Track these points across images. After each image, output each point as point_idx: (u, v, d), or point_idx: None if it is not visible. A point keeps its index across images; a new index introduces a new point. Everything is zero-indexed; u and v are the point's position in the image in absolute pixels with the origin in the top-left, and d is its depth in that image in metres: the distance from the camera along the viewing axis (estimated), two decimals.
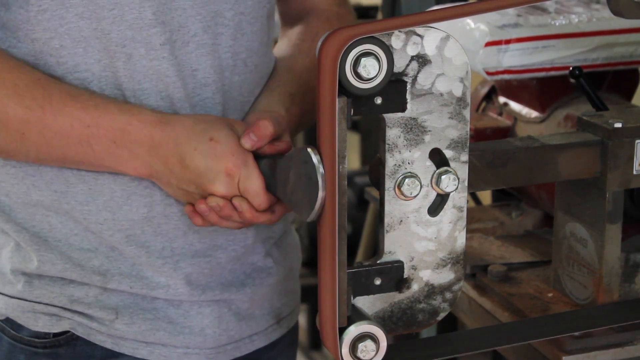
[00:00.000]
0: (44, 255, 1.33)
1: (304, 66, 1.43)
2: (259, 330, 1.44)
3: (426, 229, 1.17)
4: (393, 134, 1.13)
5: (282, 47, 1.47)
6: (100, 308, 1.34)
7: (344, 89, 1.08)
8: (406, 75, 1.12)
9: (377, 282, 1.16)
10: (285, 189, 1.22)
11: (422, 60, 1.12)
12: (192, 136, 1.24)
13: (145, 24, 1.27)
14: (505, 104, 1.72)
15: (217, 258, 1.37)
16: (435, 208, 1.17)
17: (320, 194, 1.11)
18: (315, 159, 1.13)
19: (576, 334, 1.33)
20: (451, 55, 1.13)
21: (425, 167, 1.15)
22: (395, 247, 1.16)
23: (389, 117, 1.13)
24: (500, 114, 1.73)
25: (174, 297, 1.35)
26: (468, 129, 1.16)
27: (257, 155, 1.26)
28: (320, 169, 1.12)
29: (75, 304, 1.34)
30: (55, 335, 1.35)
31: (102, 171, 1.30)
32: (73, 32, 1.26)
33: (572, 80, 1.53)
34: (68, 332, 1.35)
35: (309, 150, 1.13)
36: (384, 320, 1.18)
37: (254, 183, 1.24)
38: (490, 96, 1.77)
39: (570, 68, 1.53)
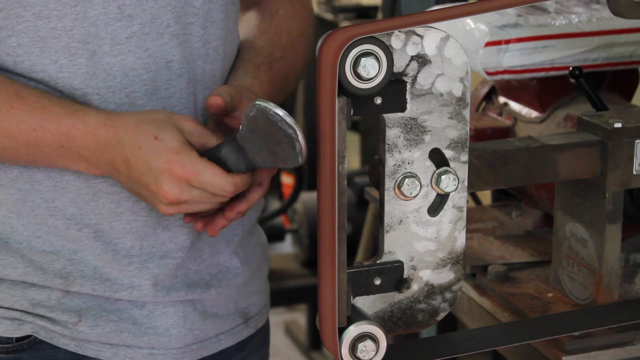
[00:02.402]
0: (4, 259, 1.31)
1: (265, 41, 1.42)
2: (226, 329, 1.42)
3: (426, 229, 1.17)
4: (393, 134, 1.13)
5: (242, 30, 1.46)
6: (62, 311, 1.33)
7: (344, 89, 1.08)
8: (406, 75, 1.12)
9: (377, 282, 1.16)
10: (260, 153, 1.19)
11: (422, 60, 1.12)
12: (136, 135, 1.22)
13: (110, 18, 1.26)
14: (505, 104, 1.72)
15: (183, 259, 1.35)
16: (435, 208, 1.17)
17: (294, 125, 1.12)
18: (266, 105, 1.13)
19: (576, 334, 1.33)
20: (451, 55, 1.13)
21: (425, 167, 1.15)
22: (395, 247, 1.16)
23: (389, 117, 1.13)
24: (500, 114, 1.72)
25: (137, 299, 1.34)
26: (468, 129, 1.16)
27: (211, 149, 1.23)
28: (279, 109, 1.12)
29: (37, 308, 1.33)
30: (18, 339, 1.33)
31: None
32: (30, 32, 1.25)
33: (572, 80, 1.53)
34: (31, 336, 1.33)
35: (259, 102, 1.14)
36: (383, 320, 1.18)
37: (207, 175, 1.21)
38: (490, 96, 1.77)
39: (570, 68, 1.53)
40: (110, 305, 1.34)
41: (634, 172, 1.32)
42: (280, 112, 1.13)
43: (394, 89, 1.12)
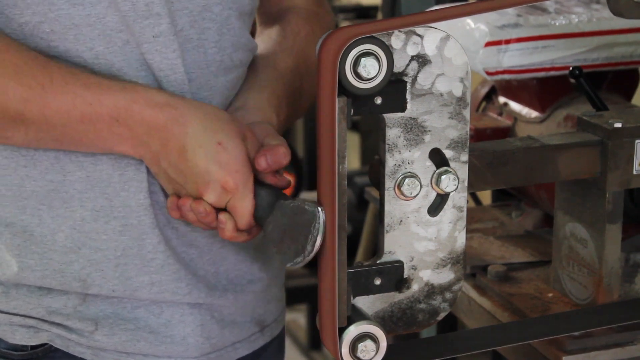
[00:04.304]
0: (23, 261, 1.30)
1: (288, 66, 1.41)
2: (242, 338, 1.41)
3: (426, 229, 1.17)
4: (393, 134, 1.13)
5: (264, 45, 1.45)
6: (79, 319, 1.32)
7: (344, 88, 1.08)
8: (406, 75, 1.12)
9: (377, 282, 1.16)
10: (275, 233, 1.20)
11: (422, 60, 1.12)
12: (200, 132, 1.21)
13: (138, 15, 1.25)
14: (505, 104, 1.72)
15: (204, 259, 1.35)
16: (435, 208, 1.17)
17: (311, 246, 1.12)
18: (321, 216, 1.12)
19: (576, 334, 1.33)
20: (451, 55, 1.13)
21: (425, 167, 1.15)
22: (395, 247, 1.16)
23: (389, 117, 1.13)
24: (500, 114, 1.73)
25: (157, 296, 1.32)
26: (468, 129, 1.16)
27: (257, 181, 1.24)
28: (322, 227, 1.11)
29: (54, 316, 1.32)
30: (33, 347, 1.32)
31: (100, 157, 1.28)
32: (63, 19, 1.24)
33: (572, 80, 1.53)
34: (46, 344, 1.32)
35: (319, 210, 1.12)
36: (384, 320, 1.18)
37: (245, 206, 1.21)
38: (490, 96, 1.77)
39: (570, 68, 1.53)
40: (127, 314, 1.33)
41: (634, 172, 1.32)
42: (320, 228, 1.12)
43: (394, 88, 1.12)
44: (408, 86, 1.13)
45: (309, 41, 1.45)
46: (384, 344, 1.13)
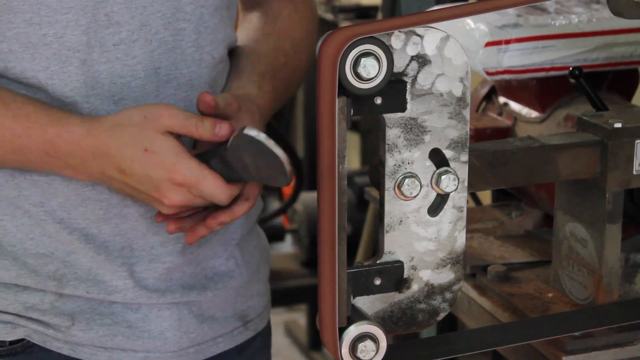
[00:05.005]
0: None
1: (269, 46, 1.42)
2: (224, 332, 1.42)
3: (426, 229, 1.17)
4: (393, 134, 1.13)
5: (245, 32, 1.45)
6: (55, 314, 1.32)
7: (344, 89, 1.08)
8: (406, 75, 1.12)
9: (377, 282, 1.16)
10: (248, 171, 1.20)
11: (422, 60, 1.12)
12: (124, 148, 1.21)
13: (99, 25, 1.26)
14: (505, 104, 1.72)
15: (176, 262, 1.35)
16: (435, 208, 1.17)
17: (281, 156, 1.13)
18: (254, 134, 1.14)
19: (576, 334, 1.33)
20: (451, 55, 1.13)
21: (425, 167, 1.15)
22: (395, 247, 1.16)
23: (389, 117, 1.13)
24: (500, 114, 1.72)
25: (132, 301, 1.33)
26: (468, 129, 1.16)
27: (203, 153, 1.24)
28: (266, 138, 1.13)
29: (30, 311, 1.32)
30: (11, 343, 1.33)
31: (54, 177, 1.28)
32: (21, 38, 1.25)
33: (572, 80, 1.53)
34: (24, 339, 1.33)
35: (246, 131, 1.14)
36: (383, 320, 1.18)
37: (207, 185, 1.21)
38: (490, 96, 1.77)
39: (570, 68, 1.53)
40: (104, 309, 1.34)
41: (634, 172, 1.32)
42: (268, 141, 1.14)
43: (394, 89, 1.12)
44: (408, 86, 1.13)
45: (291, 20, 1.46)
46: (384, 344, 1.13)
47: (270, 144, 1.13)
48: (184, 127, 1.23)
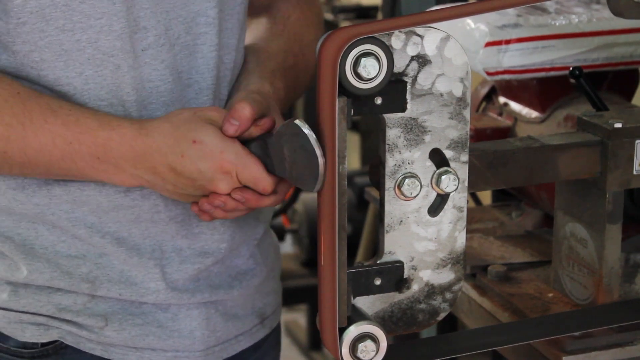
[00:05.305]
0: (30, 265, 1.31)
1: (279, 47, 1.42)
2: (244, 330, 1.43)
3: (426, 229, 1.17)
4: (393, 134, 1.13)
5: (254, 33, 1.46)
6: (88, 316, 1.33)
7: (344, 89, 1.08)
8: (406, 75, 1.12)
9: (377, 282, 1.16)
10: (284, 165, 1.20)
11: (422, 60, 1.12)
12: (175, 144, 1.22)
13: (131, 30, 1.26)
14: (505, 104, 1.72)
15: (205, 263, 1.36)
16: (435, 208, 1.17)
17: (320, 161, 1.11)
18: (305, 129, 1.13)
19: (576, 334, 1.33)
20: (451, 55, 1.13)
21: (425, 167, 1.15)
22: (395, 247, 1.16)
23: (389, 117, 1.13)
24: (500, 114, 1.73)
25: (163, 302, 1.34)
26: (468, 129, 1.16)
27: (246, 140, 1.25)
28: (313, 137, 1.12)
29: (63, 313, 1.32)
30: (44, 344, 1.33)
31: (87, 183, 1.29)
32: (53, 46, 1.25)
33: (572, 80, 1.53)
34: (56, 341, 1.33)
35: (297, 122, 1.14)
36: (384, 320, 1.18)
37: (252, 171, 1.22)
38: (490, 96, 1.77)
39: (570, 68, 1.53)
40: (135, 309, 1.34)
41: (634, 172, 1.32)
42: (313, 139, 1.13)
43: (394, 89, 1.12)
44: (408, 86, 1.13)
45: (300, 24, 1.47)
46: (384, 344, 1.13)
47: (315, 142, 1.12)
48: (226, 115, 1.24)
